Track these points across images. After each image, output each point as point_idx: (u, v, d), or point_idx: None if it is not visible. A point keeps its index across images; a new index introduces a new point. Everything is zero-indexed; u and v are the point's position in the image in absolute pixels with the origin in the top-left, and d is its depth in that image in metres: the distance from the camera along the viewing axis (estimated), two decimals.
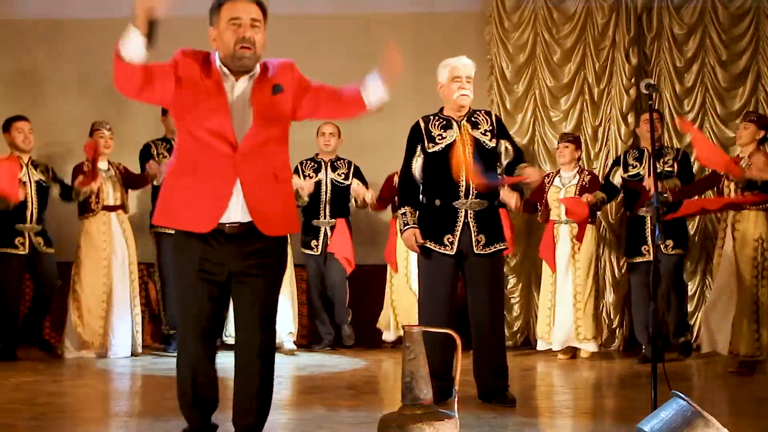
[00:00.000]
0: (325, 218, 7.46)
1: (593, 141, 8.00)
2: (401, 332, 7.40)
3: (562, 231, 7.16)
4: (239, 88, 3.34)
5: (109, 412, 4.67)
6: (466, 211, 4.95)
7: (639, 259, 6.87)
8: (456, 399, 3.61)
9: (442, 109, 5.15)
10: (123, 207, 7.04)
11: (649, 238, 6.66)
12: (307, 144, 7.52)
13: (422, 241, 4.98)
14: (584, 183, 7.18)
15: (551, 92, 8.08)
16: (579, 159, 7.45)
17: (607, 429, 4.32)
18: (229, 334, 7.00)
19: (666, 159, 6.88)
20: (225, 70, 3.33)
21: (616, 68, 7.98)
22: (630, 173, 6.97)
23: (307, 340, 7.76)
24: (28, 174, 6.69)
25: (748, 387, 5.81)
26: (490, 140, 5.04)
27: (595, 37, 8.05)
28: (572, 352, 7.11)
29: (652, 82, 5.08)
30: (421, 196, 5.12)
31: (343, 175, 7.56)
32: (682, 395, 3.52)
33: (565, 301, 7.10)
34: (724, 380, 6.13)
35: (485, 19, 8.16)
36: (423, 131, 5.08)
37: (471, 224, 4.94)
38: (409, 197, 5.11)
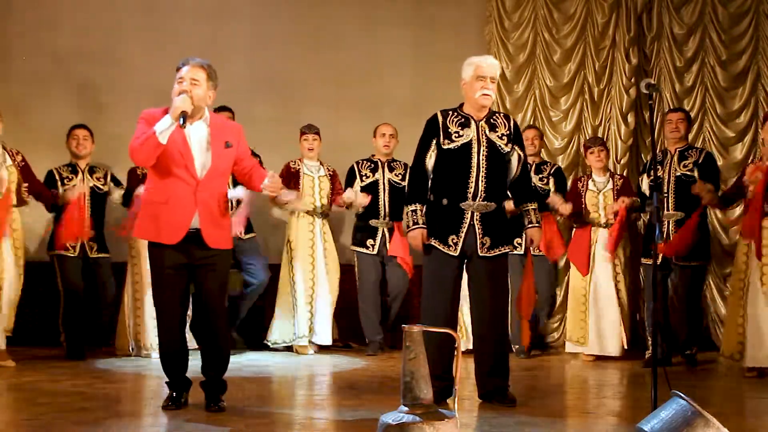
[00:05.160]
0: (384, 219, 7.34)
1: None
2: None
3: (600, 235, 7.04)
4: (195, 131, 4.50)
5: (110, 412, 4.67)
6: (472, 213, 4.93)
7: (647, 261, 6.80)
8: (456, 399, 3.61)
9: (462, 105, 5.07)
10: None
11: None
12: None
13: (428, 240, 4.98)
14: (617, 187, 7.08)
15: (551, 92, 8.09)
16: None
17: (607, 429, 4.32)
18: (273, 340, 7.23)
19: (687, 162, 6.69)
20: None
21: (616, 68, 7.99)
22: (652, 177, 6.89)
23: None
24: (84, 180, 6.85)
25: (747, 386, 5.81)
26: (506, 144, 5.00)
27: (595, 37, 8.06)
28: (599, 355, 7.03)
29: (653, 81, 5.07)
30: (429, 193, 5.07)
31: (400, 176, 7.38)
32: (682, 395, 3.52)
33: (604, 305, 7.00)
34: (725, 380, 6.13)
35: (485, 19, 8.17)
36: (440, 126, 4.99)
37: (476, 226, 4.92)
38: (418, 193, 5.03)
